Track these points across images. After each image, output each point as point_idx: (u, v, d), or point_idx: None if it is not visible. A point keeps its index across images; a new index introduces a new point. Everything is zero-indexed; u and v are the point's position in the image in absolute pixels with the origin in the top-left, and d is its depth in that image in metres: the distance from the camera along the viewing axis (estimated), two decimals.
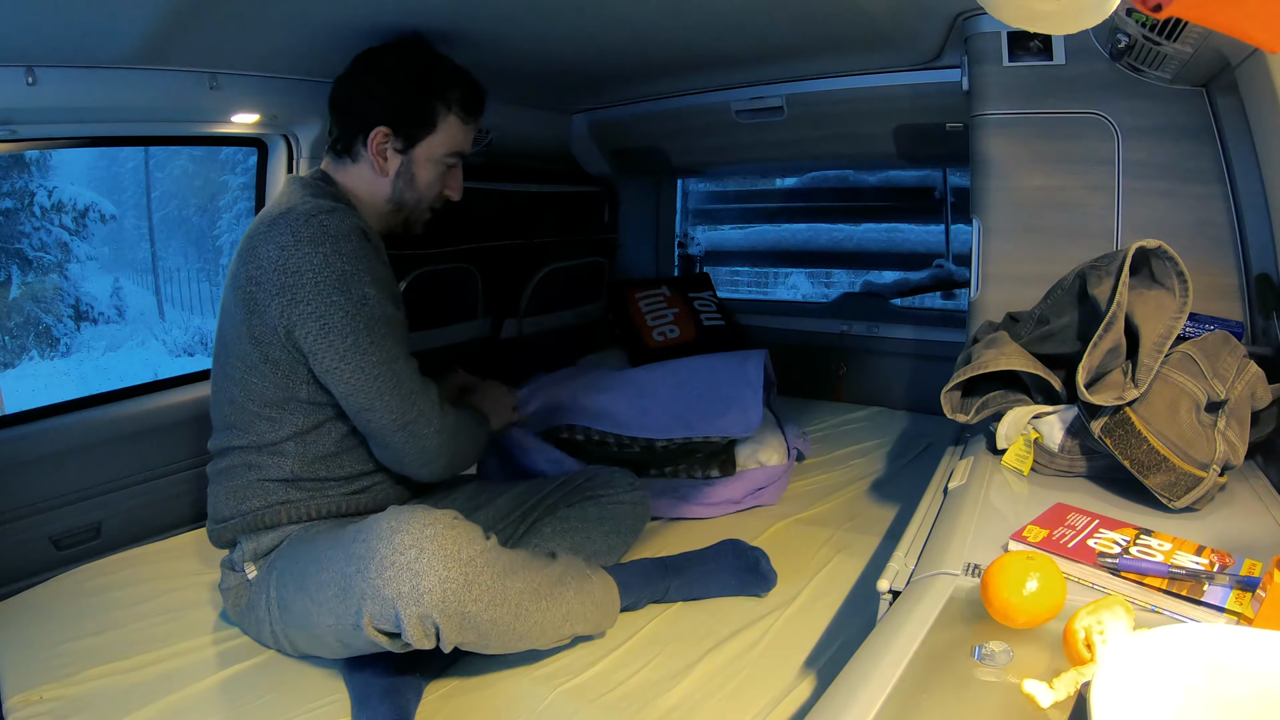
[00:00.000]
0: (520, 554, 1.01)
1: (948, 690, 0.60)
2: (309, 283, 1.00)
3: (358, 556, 0.91)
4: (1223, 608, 0.68)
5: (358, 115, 1.17)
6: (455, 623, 0.89)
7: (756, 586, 1.26)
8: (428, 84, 1.17)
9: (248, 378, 1.08)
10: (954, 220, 3.11)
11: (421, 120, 1.18)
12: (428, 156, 1.20)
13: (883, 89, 1.74)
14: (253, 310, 1.04)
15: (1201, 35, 1.06)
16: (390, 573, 0.87)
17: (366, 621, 0.89)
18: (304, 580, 1.00)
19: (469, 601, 0.89)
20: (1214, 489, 0.93)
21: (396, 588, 0.86)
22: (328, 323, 1.01)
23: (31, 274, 7.84)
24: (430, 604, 0.87)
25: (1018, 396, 1.15)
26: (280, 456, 1.10)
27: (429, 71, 1.18)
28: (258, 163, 1.67)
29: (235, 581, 1.12)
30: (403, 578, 0.87)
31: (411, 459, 1.12)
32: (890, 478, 1.78)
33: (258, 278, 1.03)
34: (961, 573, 0.79)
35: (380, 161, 1.17)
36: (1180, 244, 1.03)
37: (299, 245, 1.01)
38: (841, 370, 2.41)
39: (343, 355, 1.03)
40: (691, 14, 1.31)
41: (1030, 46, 1.32)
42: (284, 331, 1.03)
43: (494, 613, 0.93)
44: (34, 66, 1.12)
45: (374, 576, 0.88)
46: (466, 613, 0.90)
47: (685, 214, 3.18)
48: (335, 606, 0.93)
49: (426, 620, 0.88)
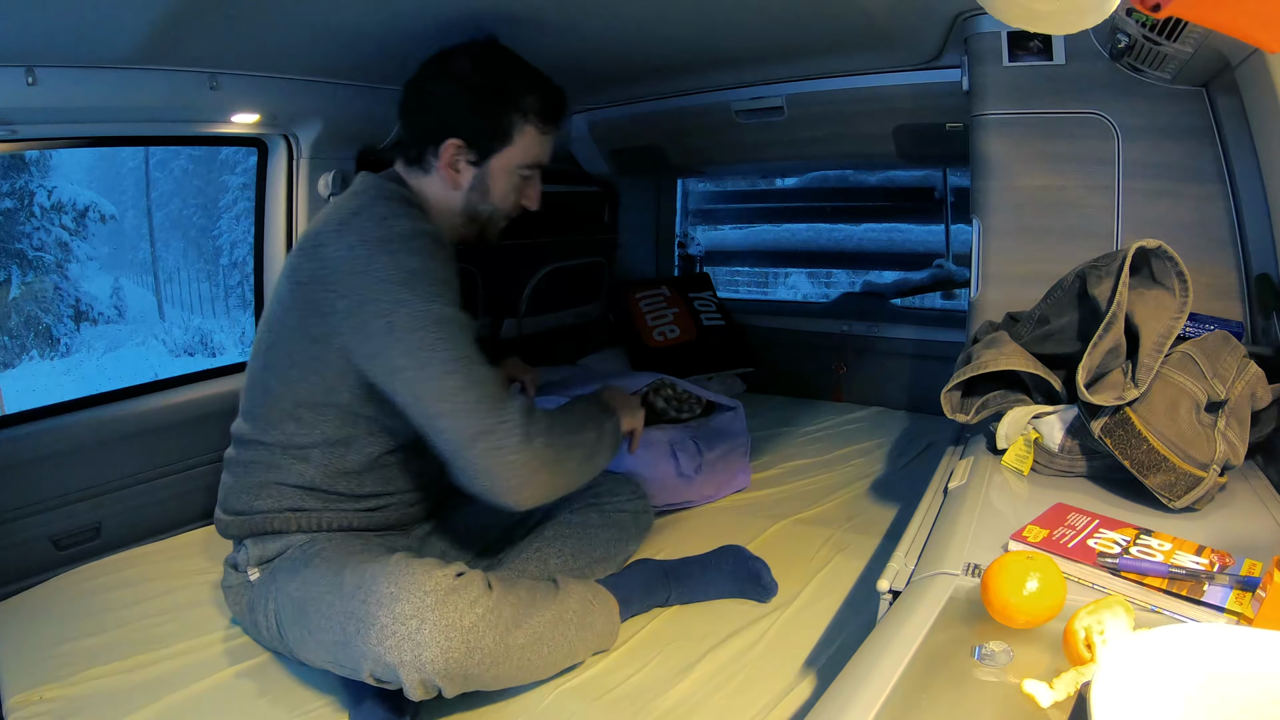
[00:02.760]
0: (522, 595, 0.98)
1: (948, 690, 0.60)
2: (377, 283, 0.96)
3: (358, 618, 0.89)
4: (1223, 608, 0.68)
5: (427, 126, 1.11)
6: (458, 683, 0.90)
7: (757, 595, 1.26)
8: (502, 92, 1.10)
9: (291, 373, 1.05)
10: (954, 220, 3.11)
11: (496, 132, 1.11)
12: (503, 169, 1.13)
13: (883, 89, 1.75)
14: (313, 308, 1.01)
15: (1201, 35, 1.06)
16: (391, 642, 0.86)
17: (367, 674, 0.89)
18: (303, 613, 0.98)
19: (471, 665, 0.89)
20: (1214, 489, 0.93)
21: (399, 656, 0.86)
22: (394, 320, 0.95)
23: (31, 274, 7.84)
24: (433, 671, 0.87)
25: (1018, 396, 1.15)
26: (303, 462, 1.07)
27: (503, 78, 1.11)
28: (258, 163, 1.67)
29: (237, 581, 1.12)
30: (404, 647, 0.86)
31: (499, 479, 0.96)
32: (890, 478, 1.78)
33: (323, 277, 0.99)
34: (961, 573, 0.79)
35: (452, 174, 1.12)
36: (1180, 244, 1.03)
37: (367, 246, 0.97)
38: (841, 370, 2.41)
39: (409, 353, 0.95)
40: (691, 14, 1.31)
41: (1030, 46, 1.32)
42: (348, 331, 0.98)
43: (497, 670, 0.93)
44: (34, 66, 1.12)
45: (375, 644, 0.87)
46: (470, 674, 0.90)
47: (685, 214, 3.18)
48: (335, 651, 0.93)
49: (429, 684, 0.88)
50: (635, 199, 2.66)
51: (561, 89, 1.17)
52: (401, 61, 1.46)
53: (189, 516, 1.56)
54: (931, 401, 1.26)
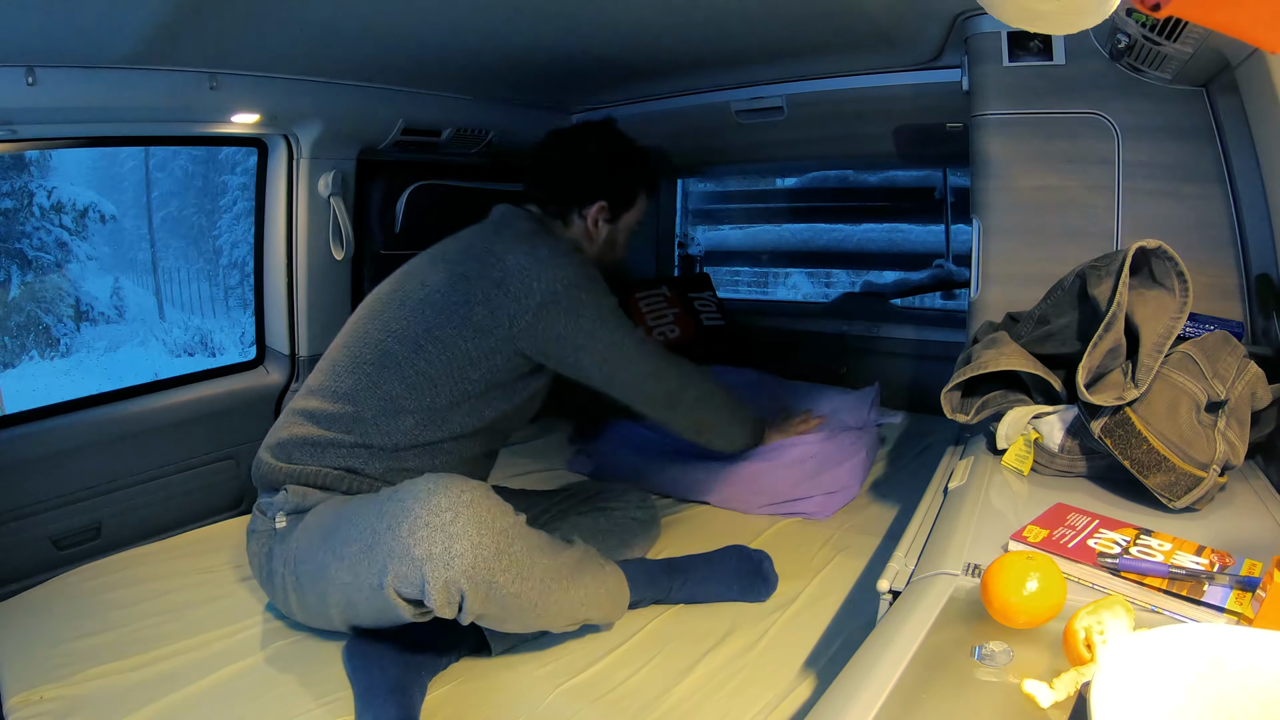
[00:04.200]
0: (545, 535, 1.04)
1: (948, 690, 0.60)
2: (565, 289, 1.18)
3: (390, 514, 0.91)
4: (1223, 608, 0.68)
5: (575, 190, 1.35)
6: (482, 592, 0.90)
7: (759, 590, 1.27)
8: (635, 168, 1.39)
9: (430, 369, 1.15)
10: (954, 220, 3.11)
11: (627, 200, 1.39)
12: (626, 227, 1.42)
13: (883, 89, 1.74)
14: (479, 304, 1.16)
15: (1201, 35, 1.06)
16: (423, 533, 0.88)
17: (390, 581, 0.88)
18: (331, 534, 1.00)
19: (498, 571, 0.90)
20: (1214, 489, 0.93)
21: (428, 549, 0.87)
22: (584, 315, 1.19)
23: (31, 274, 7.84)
24: (460, 569, 0.87)
25: (1018, 396, 1.15)
26: (385, 436, 1.14)
27: (636, 157, 1.40)
28: (258, 163, 1.67)
29: (263, 526, 1.13)
30: (436, 539, 0.87)
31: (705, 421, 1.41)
32: (890, 478, 1.78)
33: (502, 280, 1.17)
34: (961, 573, 0.79)
35: (593, 229, 1.37)
36: (1180, 244, 1.03)
37: (555, 257, 1.19)
38: (842, 370, 2.41)
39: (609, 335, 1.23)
40: (691, 14, 1.31)
41: (1030, 46, 1.32)
42: (527, 324, 1.16)
43: (520, 586, 0.94)
44: (34, 66, 1.12)
45: (405, 535, 0.88)
46: (495, 582, 0.90)
47: (685, 214, 3.17)
48: (358, 564, 0.93)
49: (453, 586, 0.88)
50: None
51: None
52: (401, 62, 1.46)
53: (189, 516, 1.56)
54: (931, 401, 1.26)
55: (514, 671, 1.07)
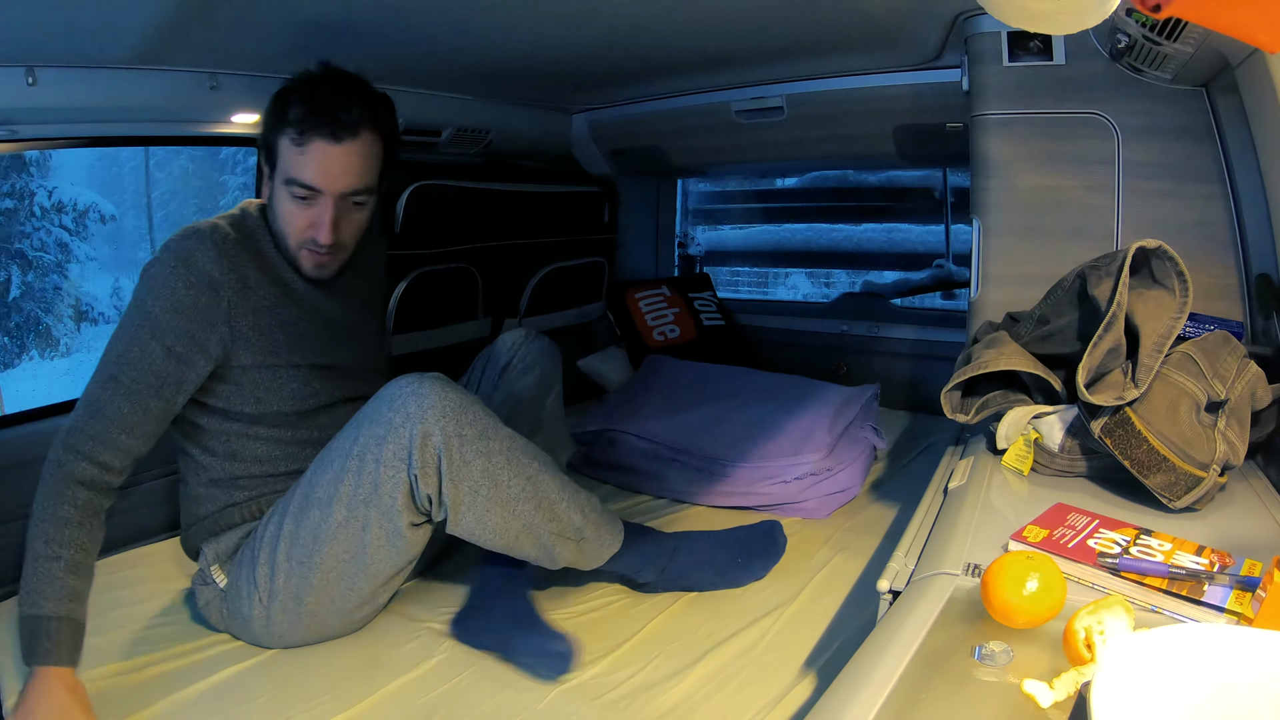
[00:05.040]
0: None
1: (948, 690, 0.60)
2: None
3: (365, 417, 1.02)
4: (1223, 608, 0.68)
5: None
6: (455, 449, 0.99)
7: (768, 552, 1.29)
8: (276, 103, 1.13)
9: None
10: (954, 220, 3.11)
11: (269, 145, 1.12)
12: (280, 183, 1.12)
13: (883, 89, 1.74)
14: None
15: (1201, 35, 1.06)
16: (398, 402, 0.99)
17: (386, 456, 0.98)
18: (307, 495, 1.04)
19: (465, 424, 1.00)
20: (1214, 489, 0.93)
21: (404, 410, 0.98)
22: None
23: (31, 274, 7.84)
24: (433, 419, 0.97)
25: (1018, 396, 1.15)
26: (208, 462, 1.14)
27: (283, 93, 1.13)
28: (257, 163, 1.67)
29: (210, 596, 1.13)
30: (409, 401, 0.99)
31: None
32: (890, 478, 1.78)
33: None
34: (961, 573, 0.79)
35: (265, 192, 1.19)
36: (1180, 244, 1.03)
37: (161, 249, 1.09)
38: (842, 370, 2.41)
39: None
40: (691, 14, 1.31)
41: (1030, 46, 1.32)
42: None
43: (486, 445, 1.02)
44: (34, 66, 1.12)
45: (385, 411, 0.99)
46: (464, 436, 1.00)
47: (685, 214, 3.18)
48: (349, 479, 1.01)
49: (430, 440, 0.98)
50: (635, 199, 2.66)
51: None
52: (402, 62, 1.46)
53: None
54: (931, 401, 1.26)
55: (513, 671, 1.07)
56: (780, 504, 1.59)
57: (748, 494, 1.60)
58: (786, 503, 1.58)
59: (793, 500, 1.58)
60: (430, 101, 1.72)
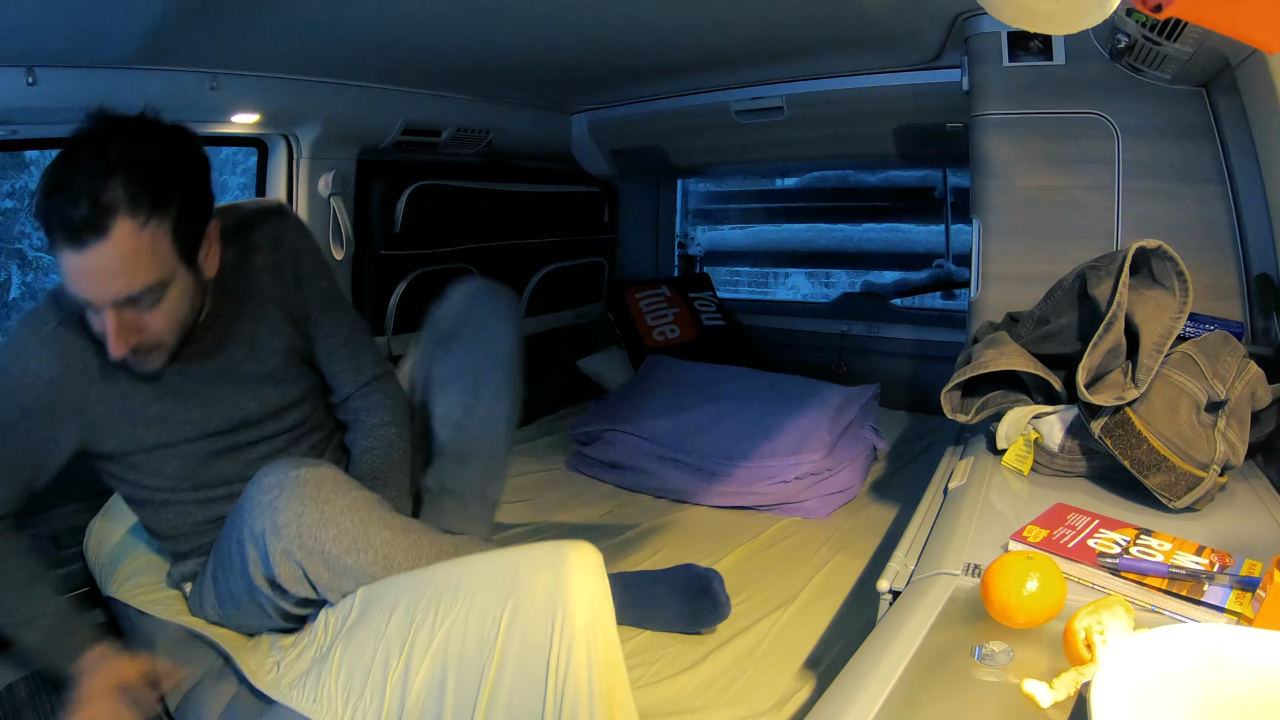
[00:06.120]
0: (403, 518, 0.95)
1: (948, 690, 0.60)
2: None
3: (239, 506, 0.92)
4: (1223, 608, 0.68)
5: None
6: (318, 562, 0.88)
7: (707, 613, 1.16)
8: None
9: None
10: (954, 220, 3.11)
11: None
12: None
13: (883, 89, 1.74)
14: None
15: (1201, 35, 1.06)
16: (256, 511, 0.88)
17: (252, 566, 0.89)
18: (217, 553, 1.02)
19: (327, 541, 0.87)
20: (1214, 489, 0.93)
21: (261, 524, 0.87)
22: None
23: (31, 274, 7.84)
24: (290, 537, 0.86)
25: (1018, 396, 1.15)
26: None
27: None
28: (257, 163, 1.67)
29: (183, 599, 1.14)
30: (265, 514, 0.87)
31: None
32: (890, 478, 1.78)
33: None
34: (961, 573, 0.79)
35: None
36: (1180, 244, 1.03)
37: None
38: (842, 370, 2.41)
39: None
40: (691, 14, 1.31)
41: (1030, 46, 1.32)
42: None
43: (359, 558, 0.89)
44: (34, 66, 1.12)
45: (247, 515, 0.89)
46: (327, 552, 0.88)
47: (685, 214, 3.18)
48: (234, 563, 0.94)
49: (289, 557, 0.87)
50: (635, 199, 2.66)
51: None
52: (402, 62, 1.46)
53: None
54: (931, 401, 1.26)
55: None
56: (780, 504, 1.59)
57: (747, 494, 1.60)
58: (786, 502, 1.58)
59: (793, 500, 1.58)
60: (430, 101, 1.72)
